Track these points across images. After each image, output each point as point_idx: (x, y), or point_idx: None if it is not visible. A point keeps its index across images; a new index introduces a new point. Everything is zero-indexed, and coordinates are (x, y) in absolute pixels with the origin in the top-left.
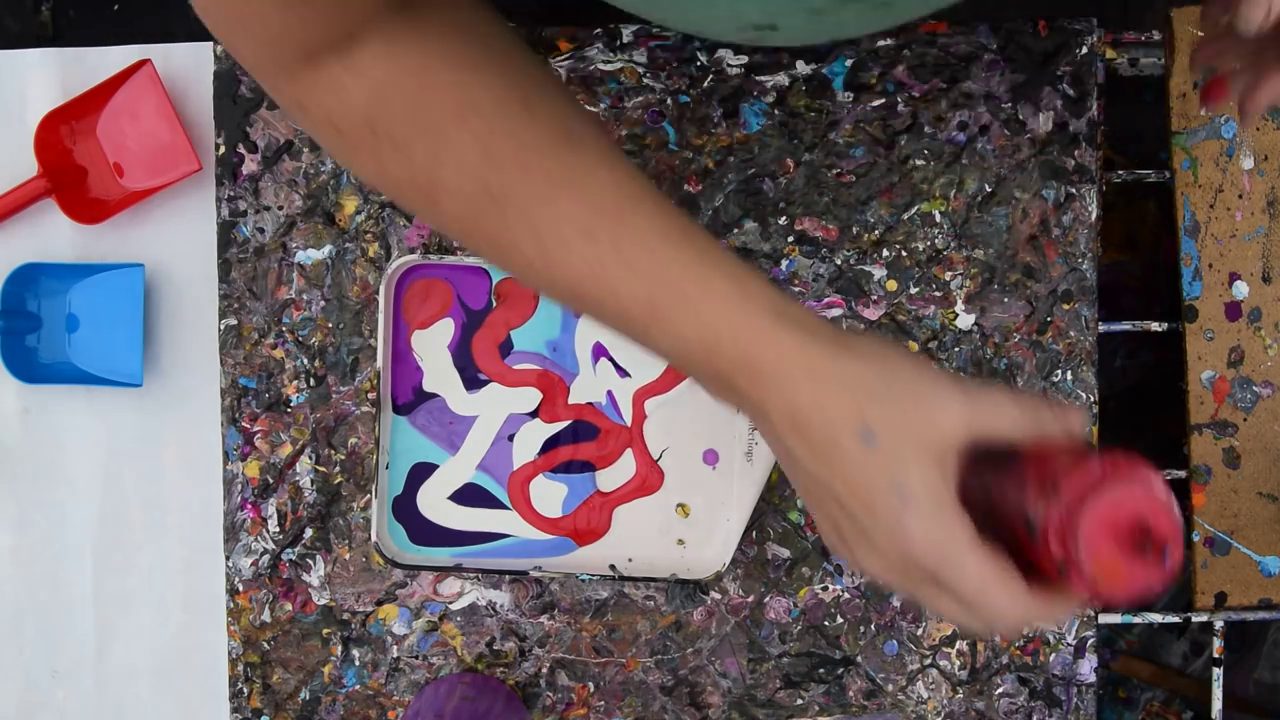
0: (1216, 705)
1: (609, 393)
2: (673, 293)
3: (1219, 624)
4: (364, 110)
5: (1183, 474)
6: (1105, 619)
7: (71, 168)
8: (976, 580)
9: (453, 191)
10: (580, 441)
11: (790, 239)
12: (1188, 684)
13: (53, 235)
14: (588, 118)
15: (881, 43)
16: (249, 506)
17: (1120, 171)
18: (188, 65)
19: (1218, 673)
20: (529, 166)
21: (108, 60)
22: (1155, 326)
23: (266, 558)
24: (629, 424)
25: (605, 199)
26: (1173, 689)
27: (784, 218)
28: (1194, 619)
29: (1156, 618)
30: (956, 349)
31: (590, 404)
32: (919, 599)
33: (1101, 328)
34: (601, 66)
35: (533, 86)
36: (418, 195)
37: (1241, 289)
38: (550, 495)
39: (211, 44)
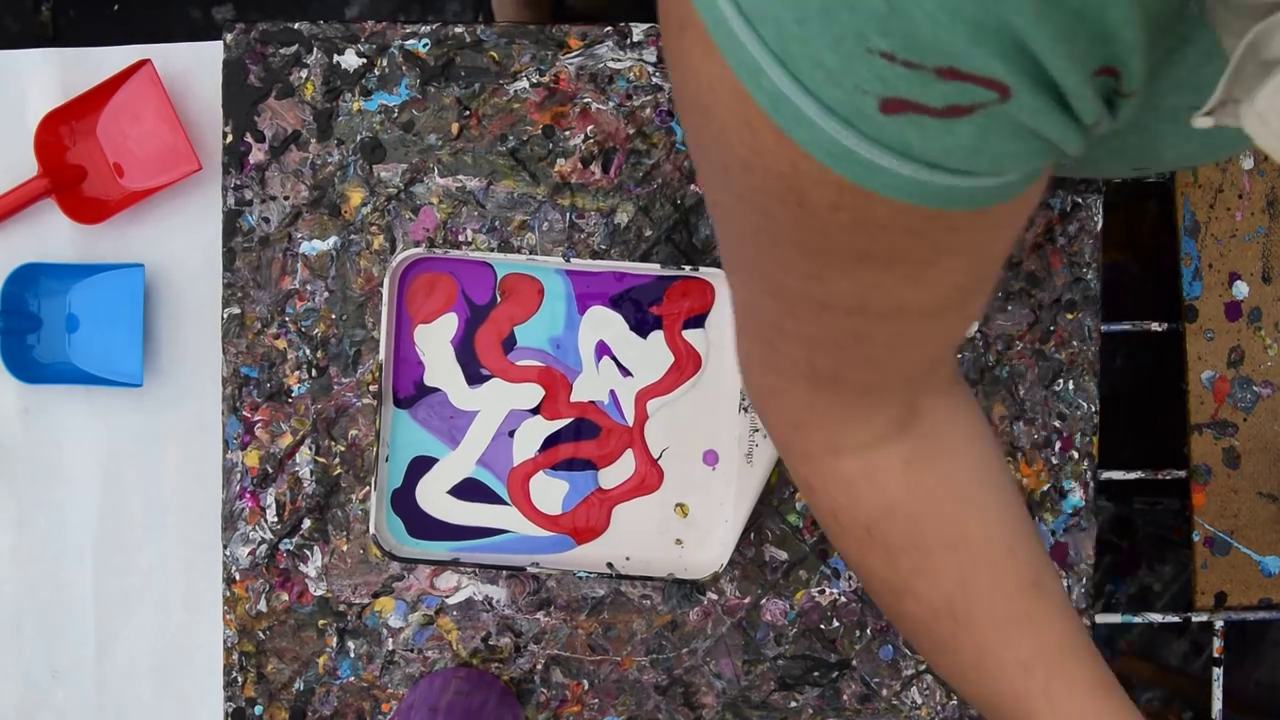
0: (1216, 705)
1: (611, 392)
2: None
3: (1219, 624)
4: (868, 516)
5: (1183, 474)
6: (1104, 619)
7: (71, 168)
8: None
9: (920, 599)
10: (582, 440)
11: None
12: (1188, 684)
13: (53, 235)
14: (1055, 570)
15: None
16: (247, 496)
17: None
18: (188, 65)
19: (1218, 673)
20: (995, 603)
21: (108, 60)
22: (1155, 326)
23: (264, 547)
24: (630, 424)
25: (1051, 645)
26: (1173, 689)
27: None
28: (1194, 619)
29: (1156, 618)
30: (959, 356)
31: (592, 402)
32: None
33: (1102, 328)
34: (611, 65)
35: (1018, 529)
36: (886, 590)
37: (1241, 289)
38: (551, 492)
39: (212, 43)
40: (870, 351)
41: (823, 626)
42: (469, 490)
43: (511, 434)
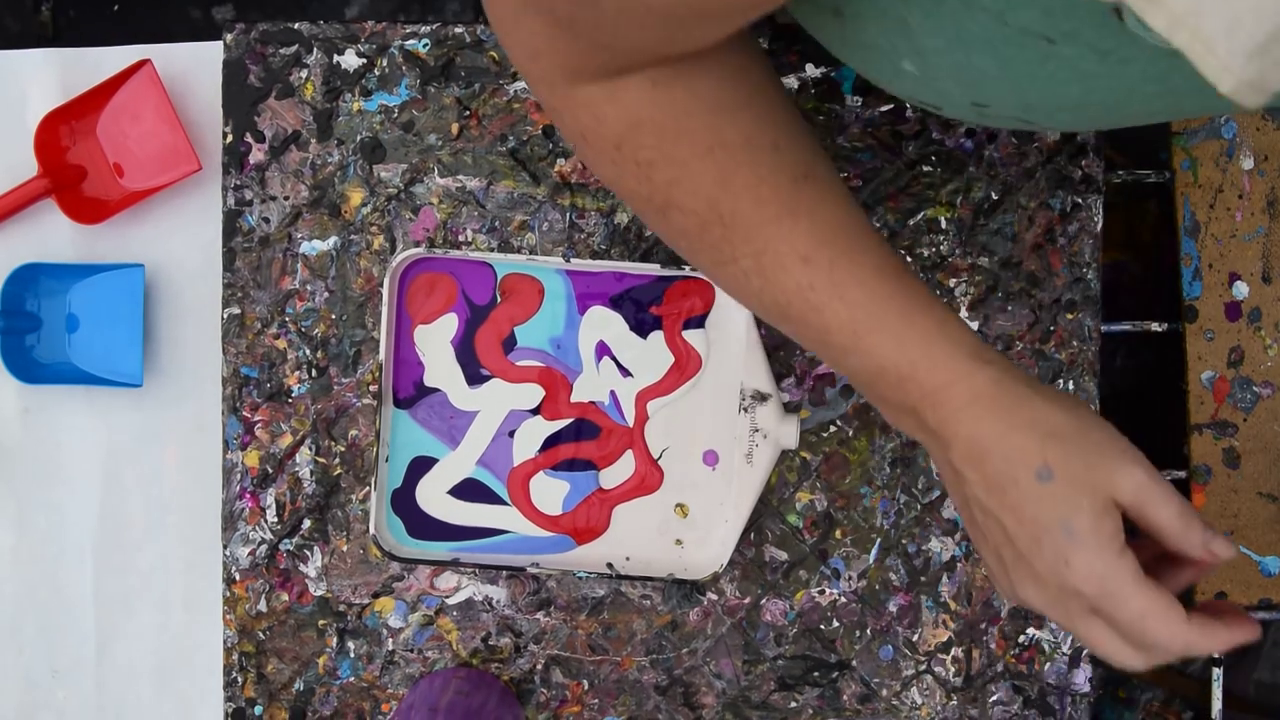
0: (1216, 705)
1: (612, 392)
2: (877, 322)
3: None
4: (615, 134)
5: (1183, 474)
6: None
7: (71, 168)
8: (1138, 609)
9: (685, 210)
10: (582, 440)
11: None
12: (1188, 684)
13: (53, 235)
14: (829, 162)
15: None
16: (248, 496)
17: (1120, 171)
18: (188, 65)
19: (1218, 673)
20: (763, 198)
21: (108, 60)
22: (1155, 326)
23: (264, 548)
24: (630, 424)
25: (829, 231)
26: (1173, 689)
27: None
28: None
29: None
30: None
31: (593, 403)
32: (1074, 630)
33: (1102, 328)
34: None
35: (784, 129)
36: (649, 208)
37: (1241, 289)
38: (551, 492)
39: (212, 43)
40: (599, 17)
41: (822, 627)
42: (469, 490)
43: (511, 434)
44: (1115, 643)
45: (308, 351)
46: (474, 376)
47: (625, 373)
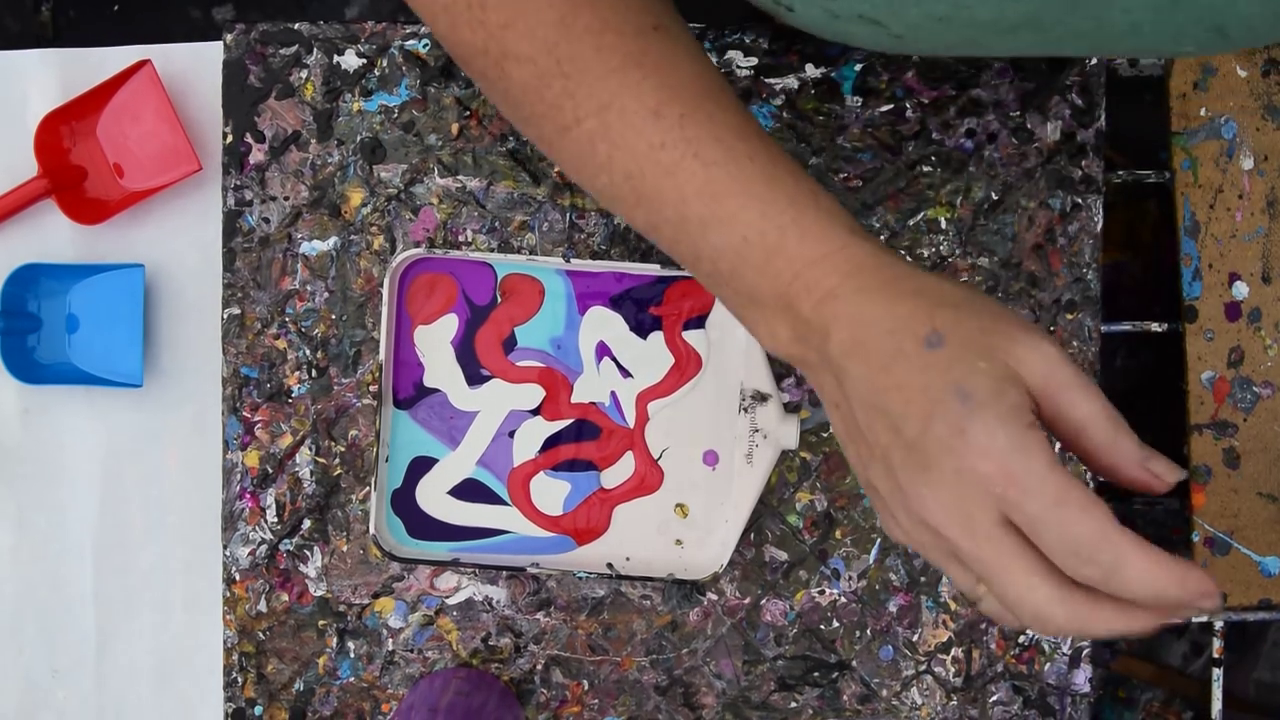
0: (1216, 705)
1: (612, 393)
2: (738, 185)
3: (1219, 624)
4: None
5: (1183, 474)
6: None
7: (71, 168)
8: (1053, 491)
9: (522, 59)
10: (583, 441)
11: None
12: (1188, 684)
13: (53, 235)
14: (683, 22)
15: None
16: (247, 496)
17: (1120, 171)
18: (188, 65)
19: (1218, 673)
20: (606, 45)
21: (108, 60)
22: (1155, 326)
23: (264, 548)
24: (631, 425)
25: (682, 85)
26: (1173, 689)
27: None
28: (1194, 619)
29: None
30: None
31: (593, 404)
32: (980, 554)
33: (1102, 328)
34: None
35: None
36: (487, 63)
37: (1241, 289)
38: (552, 492)
39: (212, 43)
40: None
41: (822, 627)
42: (469, 491)
43: (511, 434)
44: (1028, 560)
45: (308, 351)
46: (474, 377)
47: (625, 373)
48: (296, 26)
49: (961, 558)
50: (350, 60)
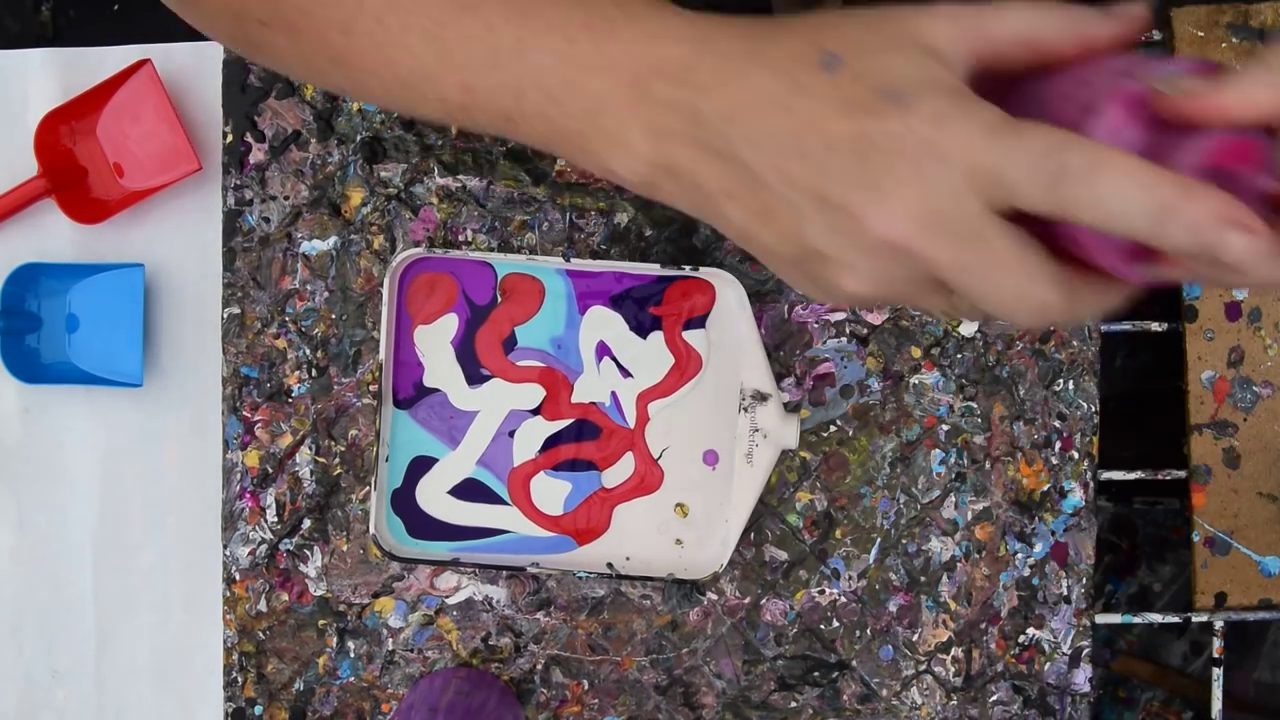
0: (1216, 705)
1: (613, 393)
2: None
3: (1219, 624)
4: None
5: (1183, 474)
6: (1104, 619)
7: (71, 168)
8: (1042, 146)
9: None
10: (583, 441)
11: None
12: (1188, 684)
13: (53, 235)
14: None
15: None
16: (247, 496)
17: None
18: (188, 65)
19: (1218, 673)
20: None
21: (108, 60)
22: (1155, 326)
23: (264, 547)
24: (632, 426)
25: None
26: (1173, 689)
27: None
28: (1194, 619)
29: (1156, 618)
30: (959, 356)
31: (594, 404)
32: (961, 252)
33: (1102, 328)
34: None
35: None
36: None
37: (1241, 289)
38: (553, 492)
39: (212, 42)
40: None
41: (822, 626)
42: (469, 490)
43: (511, 434)
44: (1017, 241)
45: (308, 351)
46: (474, 376)
47: (625, 373)
48: None
49: (940, 269)
50: None
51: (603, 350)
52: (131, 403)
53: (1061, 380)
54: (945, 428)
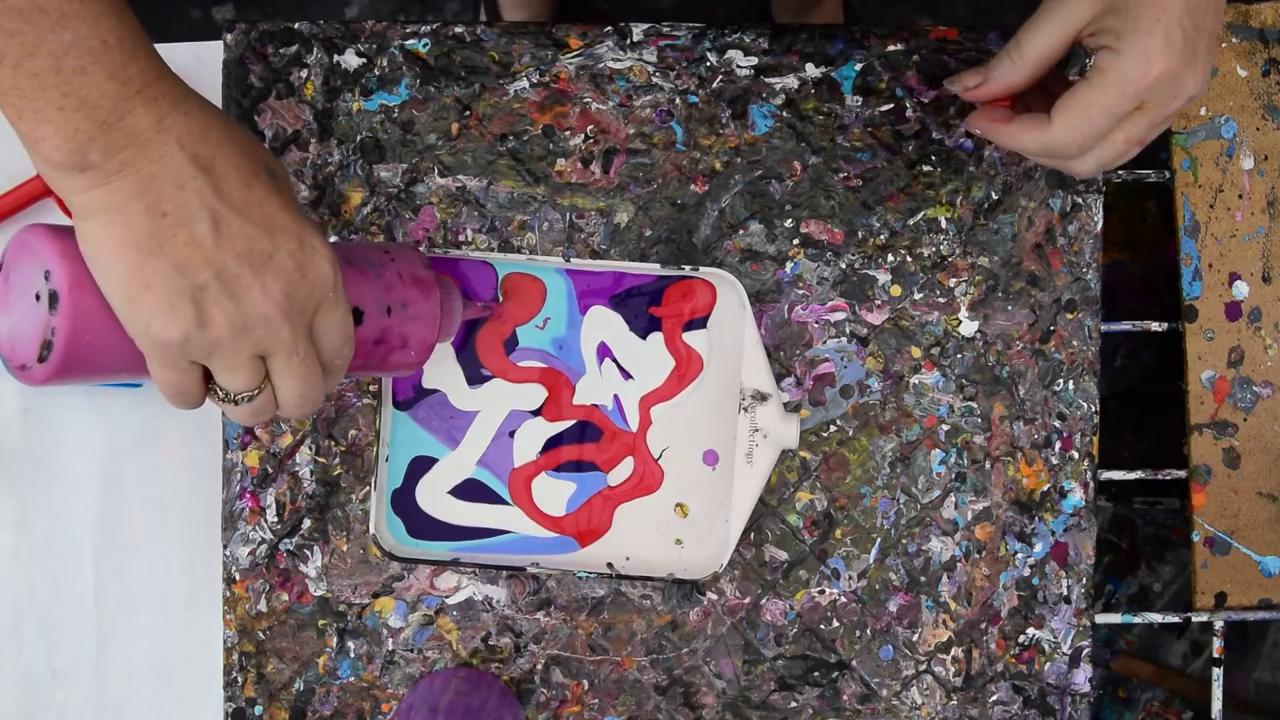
0: (1216, 705)
1: (615, 396)
2: None
3: (1219, 624)
4: None
5: (1183, 474)
6: (1104, 619)
7: None
8: None
9: None
10: (585, 443)
11: (796, 241)
12: (1188, 684)
13: None
14: None
15: (891, 48)
16: (248, 496)
17: (1120, 171)
18: (188, 65)
19: (1218, 673)
20: None
21: None
22: (1155, 326)
23: (264, 547)
24: (634, 429)
25: None
26: (1173, 689)
27: (790, 220)
28: (1194, 619)
29: (1156, 618)
30: (959, 355)
31: (596, 406)
32: None
33: (1102, 328)
34: (611, 65)
35: None
36: None
37: (1241, 289)
38: (556, 493)
39: (212, 42)
40: None
41: (822, 626)
42: (470, 490)
43: (512, 434)
44: None
45: None
46: (474, 377)
47: (626, 375)
48: (296, 26)
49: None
50: (350, 60)
51: (604, 351)
52: (131, 403)
53: (1061, 380)
54: (945, 428)
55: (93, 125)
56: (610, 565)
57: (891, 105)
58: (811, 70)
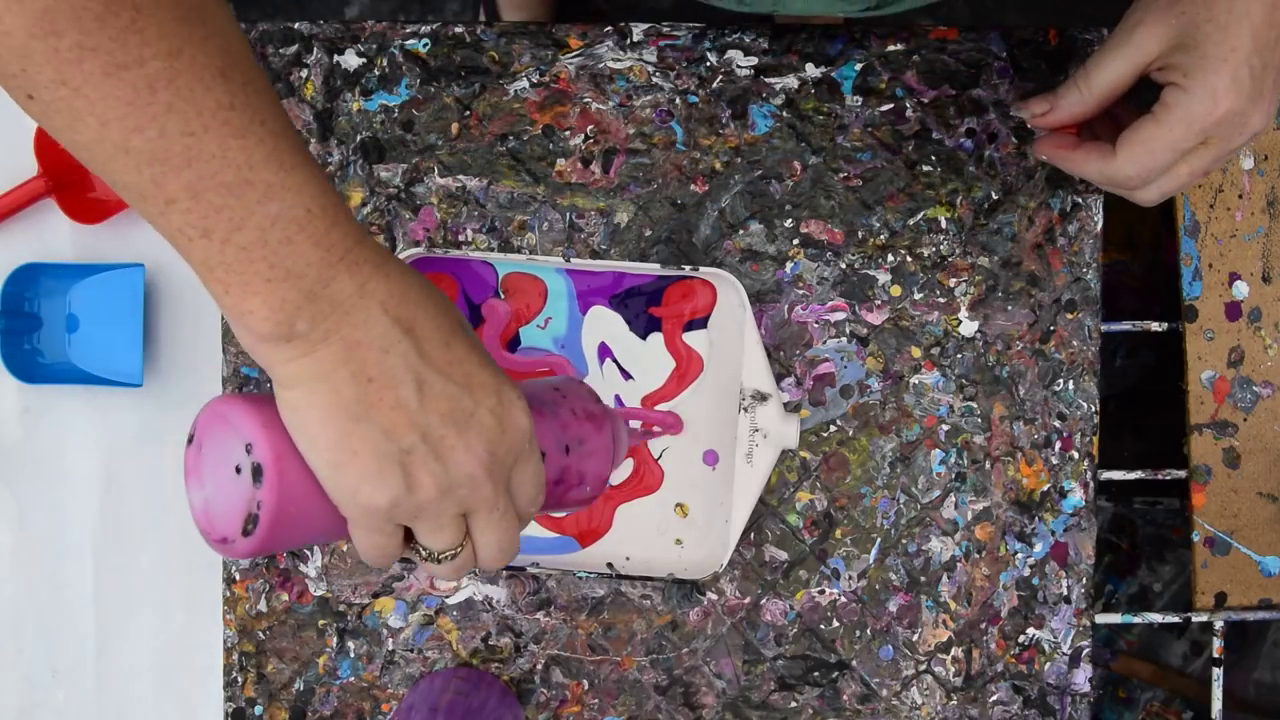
0: (1216, 705)
1: (617, 397)
2: (302, 158)
3: (1219, 624)
4: None
5: (1183, 474)
6: (1104, 619)
7: (71, 168)
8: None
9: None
10: None
11: (796, 241)
12: (1188, 684)
13: (53, 235)
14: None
15: (891, 48)
16: None
17: None
18: None
19: (1218, 673)
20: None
21: None
22: (1155, 326)
23: None
24: (635, 429)
25: (238, 52)
26: (1173, 689)
27: (790, 220)
28: (1194, 619)
29: (1156, 618)
30: (959, 355)
31: None
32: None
33: (1102, 328)
34: (611, 65)
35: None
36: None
37: (1241, 289)
38: None
39: None
40: None
41: (822, 626)
42: None
43: None
44: None
45: None
46: None
47: (627, 376)
48: (296, 26)
49: None
50: (350, 60)
51: (604, 352)
52: (131, 403)
53: (1061, 380)
54: (945, 428)
55: (299, 295)
56: (610, 565)
57: (891, 105)
58: (811, 70)
